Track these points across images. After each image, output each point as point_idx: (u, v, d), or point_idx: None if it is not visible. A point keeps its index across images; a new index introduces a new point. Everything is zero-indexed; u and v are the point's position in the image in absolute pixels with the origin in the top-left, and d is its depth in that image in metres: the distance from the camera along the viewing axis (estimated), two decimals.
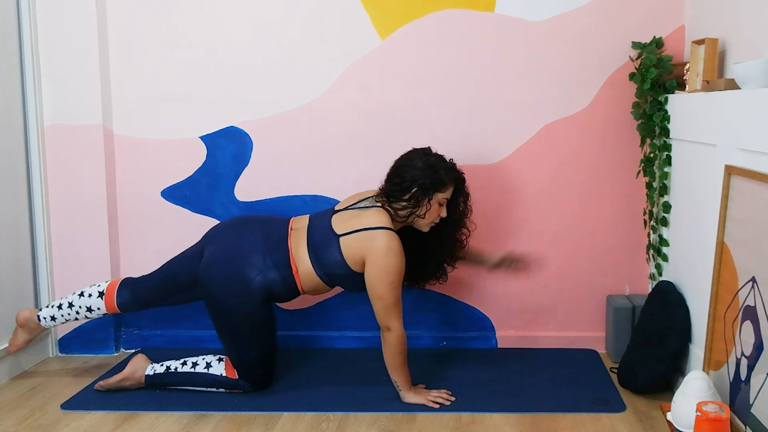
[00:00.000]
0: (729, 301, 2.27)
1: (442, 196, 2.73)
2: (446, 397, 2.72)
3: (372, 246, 2.64)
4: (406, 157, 2.77)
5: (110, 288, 2.91)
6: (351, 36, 3.19)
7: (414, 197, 2.70)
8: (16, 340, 2.97)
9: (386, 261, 2.63)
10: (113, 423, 2.59)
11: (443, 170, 2.72)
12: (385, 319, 2.65)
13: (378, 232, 2.65)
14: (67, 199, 3.26)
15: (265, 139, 3.27)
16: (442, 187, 2.72)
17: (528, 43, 3.15)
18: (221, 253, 2.77)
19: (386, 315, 2.64)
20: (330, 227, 2.73)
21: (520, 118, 3.19)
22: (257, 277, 2.70)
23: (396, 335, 2.65)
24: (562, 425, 2.53)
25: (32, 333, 2.97)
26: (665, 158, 2.93)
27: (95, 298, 2.90)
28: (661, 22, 3.09)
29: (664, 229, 3.02)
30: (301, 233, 2.77)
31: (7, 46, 3.07)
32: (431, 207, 2.72)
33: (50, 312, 2.94)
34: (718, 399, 2.20)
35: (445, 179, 2.72)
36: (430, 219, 2.75)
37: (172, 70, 3.27)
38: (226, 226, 2.90)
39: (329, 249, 2.70)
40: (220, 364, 2.81)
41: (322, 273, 2.73)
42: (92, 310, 2.91)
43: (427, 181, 2.69)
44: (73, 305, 2.92)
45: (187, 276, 2.84)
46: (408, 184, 2.70)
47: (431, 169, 2.70)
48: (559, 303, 3.29)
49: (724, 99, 2.35)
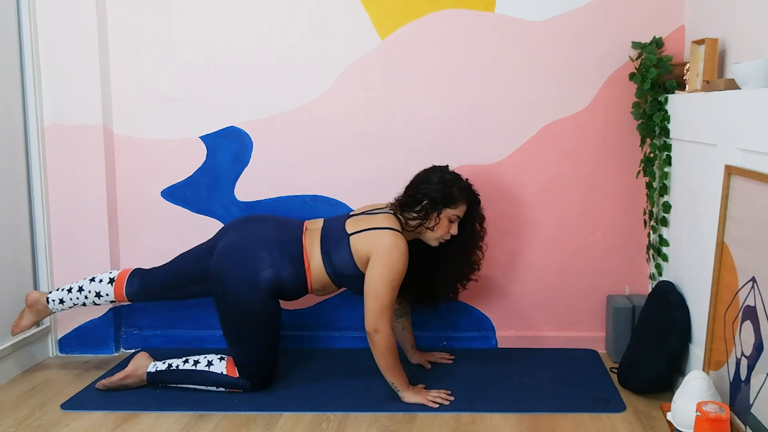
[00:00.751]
0: (729, 301, 2.27)
1: (453, 212, 2.77)
2: (445, 397, 2.72)
3: (378, 243, 2.68)
4: (424, 171, 2.86)
5: (121, 276, 2.96)
6: (351, 36, 3.19)
7: (424, 209, 2.76)
8: (21, 321, 2.99)
9: (390, 258, 2.65)
10: (113, 423, 2.59)
11: (456, 188, 2.78)
12: (376, 321, 2.64)
13: (385, 231, 2.70)
14: (67, 199, 3.26)
15: (265, 139, 3.27)
16: (452, 203, 2.76)
17: (528, 43, 3.15)
18: (235, 246, 2.80)
19: (378, 316, 2.64)
20: (343, 228, 2.78)
21: (520, 118, 3.19)
22: (268, 271, 2.73)
23: (384, 337, 2.65)
24: (562, 425, 2.53)
25: (39, 315, 3.00)
26: (665, 158, 2.93)
27: (105, 283, 2.95)
28: (661, 22, 3.09)
29: (664, 229, 3.02)
30: (316, 233, 2.82)
31: (7, 46, 3.07)
32: (440, 222, 2.76)
33: (59, 295, 2.98)
34: (718, 399, 2.20)
35: (456, 196, 2.77)
36: (439, 234, 2.79)
37: (172, 70, 3.27)
38: (241, 221, 2.94)
39: (340, 248, 2.74)
40: (221, 362, 2.81)
41: (331, 272, 2.76)
42: (101, 295, 2.95)
43: (438, 195, 2.75)
44: (83, 289, 2.95)
45: (198, 270, 2.87)
46: (420, 197, 2.77)
47: (444, 185, 2.77)
48: (559, 303, 3.29)
49: (724, 99, 2.35)
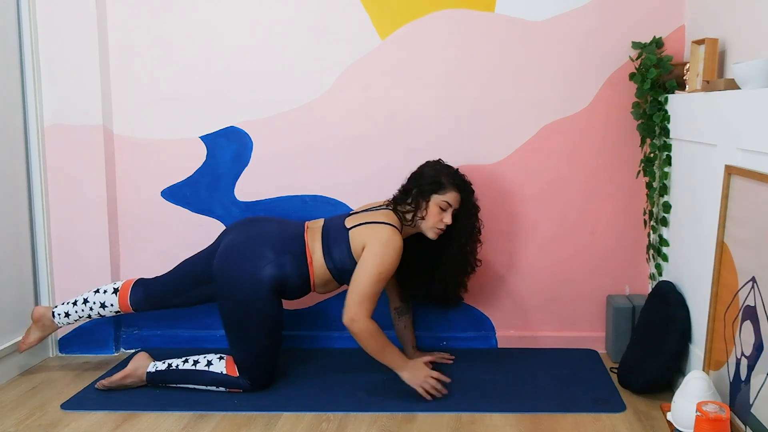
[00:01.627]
0: (729, 301, 2.27)
1: (441, 198, 2.80)
2: (440, 389, 2.71)
3: (373, 235, 2.73)
4: (418, 167, 2.92)
5: (125, 286, 2.97)
6: (351, 36, 3.19)
7: (414, 199, 2.82)
8: (28, 338, 3.00)
9: (383, 251, 2.70)
10: (113, 423, 2.59)
11: (444, 175, 2.83)
12: (355, 309, 2.65)
13: (381, 226, 2.76)
14: (67, 199, 3.26)
15: (265, 139, 3.27)
16: (439, 189, 2.80)
17: (528, 43, 3.15)
18: (237, 244, 2.81)
19: (358, 304, 2.66)
20: (343, 224, 2.83)
21: (520, 118, 3.19)
22: (271, 268, 2.74)
23: (361, 326, 2.65)
24: (562, 425, 2.53)
25: (45, 331, 3.01)
26: (665, 158, 2.93)
27: (110, 294, 2.96)
28: (661, 22, 3.09)
29: (664, 229, 3.02)
30: (317, 231, 2.86)
31: (7, 46, 3.07)
32: (430, 208, 2.80)
33: (65, 308, 2.99)
34: (718, 399, 2.20)
35: (443, 181, 2.82)
36: (431, 222, 2.81)
37: (172, 70, 3.27)
38: (243, 222, 2.97)
39: (340, 243, 2.78)
40: (220, 362, 2.81)
41: (332, 266, 2.79)
42: (105, 306, 2.96)
43: (426, 182, 2.81)
44: (87, 301, 2.96)
45: (201, 272, 2.88)
46: (410, 187, 2.84)
47: (433, 172, 2.84)
48: (559, 303, 3.29)
49: (724, 99, 2.35)
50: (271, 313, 2.77)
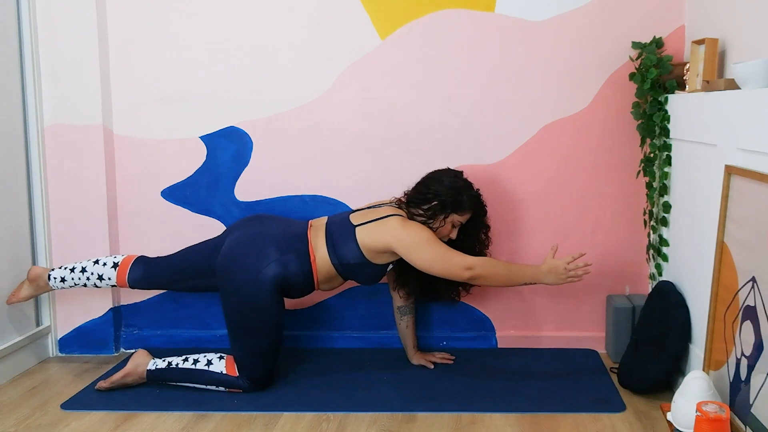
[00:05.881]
0: (729, 301, 2.27)
1: (458, 218, 2.85)
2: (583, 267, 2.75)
3: (388, 229, 2.76)
4: (437, 172, 2.93)
5: (125, 262, 2.98)
6: (351, 36, 3.19)
7: (432, 210, 2.83)
8: (19, 293, 3.01)
9: (407, 231, 2.74)
10: (113, 423, 2.59)
11: (467, 196, 2.86)
12: (455, 268, 2.70)
13: (390, 218, 2.79)
14: (67, 198, 3.26)
15: (265, 139, 3.27)
16: (460, 210, 2.84)
17: (528, 43, 3.15)
18: (241, 242, 2.82)
19: (453, 265, 2.70)
20: (348, 220, 2.84)
21: (520, 118, 3.19)
22: (274, 266, 2.74)
23: (481, 270, 2.69)
24: (562, 425, 2.53)
25: (37, 291, 3.03)
26: (665, 158, 2.93)
27: (109, 267, 2.96)
28: (661, 22, 3.09)
29: (664, 229, 3.02)
30: (320, 229, 2.87)
31: (7, 46, 3.07)
32: (445, 225, 2.84)
33: (61, 273, 2.99)
34: (718, 399, 2.20)
35: (465, 204, 2.85)
36: (441, 236, 2.85)
37: (172, 70, 3.27)
38: (247, 220, 2.97)
39: (345, 239, 2.79)
40: (220, 361, 2.81)
41: (337, 262, 2.79)
42: (103, 278, 2.96)
43: (448, 199, 2.82)
44: (85, 270, 2.97)
45: (203, 264, 2.89)
46: (430, 197, 2.84)
47: (456, 190, 2.84)
48: (559, 303, 3.29)
49: (724, 99, 2.35)
50: (274, 312, 2.77)
